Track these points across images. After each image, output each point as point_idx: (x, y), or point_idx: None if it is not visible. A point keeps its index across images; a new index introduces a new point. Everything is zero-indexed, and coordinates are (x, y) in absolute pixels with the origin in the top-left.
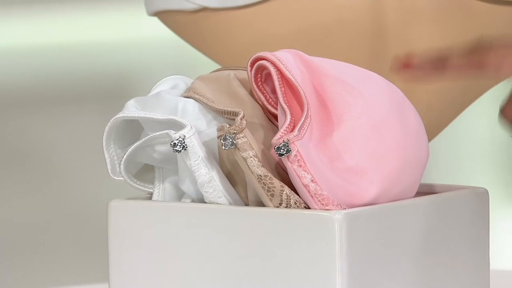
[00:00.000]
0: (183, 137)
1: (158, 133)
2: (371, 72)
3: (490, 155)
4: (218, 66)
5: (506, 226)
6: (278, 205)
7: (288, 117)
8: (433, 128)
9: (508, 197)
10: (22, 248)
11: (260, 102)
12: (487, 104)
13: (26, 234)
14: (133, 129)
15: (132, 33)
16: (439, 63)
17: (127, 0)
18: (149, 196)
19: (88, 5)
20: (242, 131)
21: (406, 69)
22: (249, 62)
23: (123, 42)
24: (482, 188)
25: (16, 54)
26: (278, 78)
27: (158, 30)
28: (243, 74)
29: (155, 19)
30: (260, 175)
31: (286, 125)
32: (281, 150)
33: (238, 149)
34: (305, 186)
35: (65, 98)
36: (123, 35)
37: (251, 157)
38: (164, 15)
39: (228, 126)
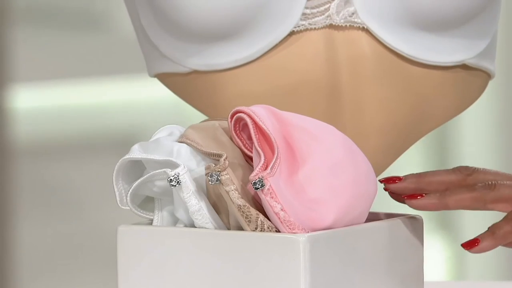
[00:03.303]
0: (177, 174)
1: (157, 171)
2: (328, 124)
3: None
4: (206, 118)
5: (435, 246)
6: (254, 229)
7: (262, 158)
8: (379, 168)
9: (437, 223)
10: (56, 263)
11: (238, 147)
12: (423, 143)
13: (56, 252)
14: (137, 168)
15: (138, 94)
16: (420, 179)
17: (135, 68)
18: (150, 222)
19: (105, 76)
20: (225, 170)
21: (393, 182)
22: (229, 115)
23: (131, 102)
24: (418, 215)
25: (46, 114)
26: (253, 127)
27: (159, 90)
28: (225, 124)
29: (156, 80)
30: (239, 205)
31: (260, 164)
32: (257, 185)
33: (222, 184)
34: (276, 214)
35: (86, 147)
36: (131, 96)
37: (232, 190)
38: (162, 77)
39: (214, 165)
